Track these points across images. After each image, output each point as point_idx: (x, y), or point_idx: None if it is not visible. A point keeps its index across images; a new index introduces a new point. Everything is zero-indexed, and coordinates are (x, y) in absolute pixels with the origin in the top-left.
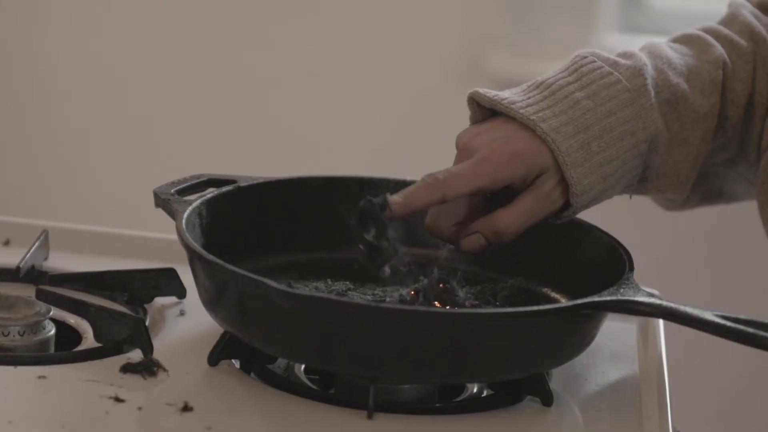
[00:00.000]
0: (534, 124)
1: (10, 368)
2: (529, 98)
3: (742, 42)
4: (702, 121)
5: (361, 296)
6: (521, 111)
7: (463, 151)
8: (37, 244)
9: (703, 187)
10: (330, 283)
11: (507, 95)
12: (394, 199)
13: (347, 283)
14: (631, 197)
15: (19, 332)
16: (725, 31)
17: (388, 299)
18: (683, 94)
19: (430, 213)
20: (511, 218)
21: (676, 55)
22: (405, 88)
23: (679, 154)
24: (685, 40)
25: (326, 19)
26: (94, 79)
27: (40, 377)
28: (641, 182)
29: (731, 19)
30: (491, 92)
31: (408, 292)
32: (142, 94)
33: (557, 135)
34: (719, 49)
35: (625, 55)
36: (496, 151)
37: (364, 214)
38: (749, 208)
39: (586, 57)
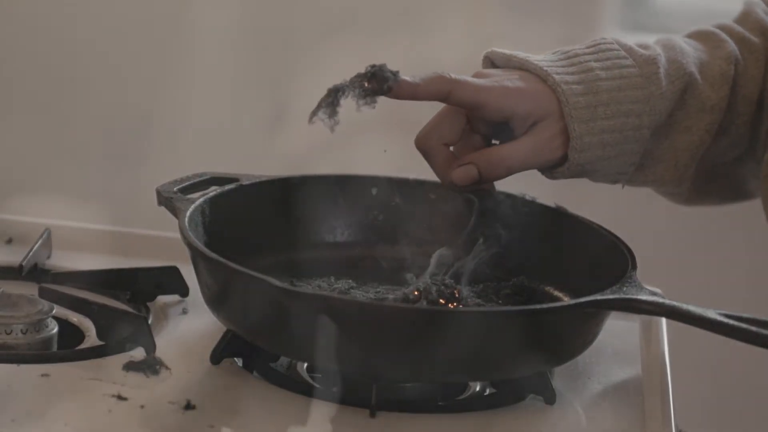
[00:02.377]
0: (546, 74)
1: (13, 366)
2: (545, 58)
3: (755, 39)
4: (708, 112)
5: (363, 294)
6: (535, 63)
7: (477, 75)
8: (39, 242)
9: (718, 188)
10: (332, 281)
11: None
12: (405, 78)
13: (350, 281)
14: (623, 186)
15: (21, 330)
16: (738, 28)
17: (390, 297)
18: (694, 84)
19: (423, 128)
20: (508, 152)
21: (690, 48)
22: None
23: (681, 141)
24: (699, 36)
25: (327, 19)
26: (95, 78)
27: (42, 375)
28: (639, 170)
29: (745, 17)
30: (507, 51)
31: (411, 290)
32: (143, 92)
33: (567, 87)
34: (732, 45)
35: (641, 45)
36: (508, 81)
37: (371, 75)
38: (752, 205)
39: (605, 38)
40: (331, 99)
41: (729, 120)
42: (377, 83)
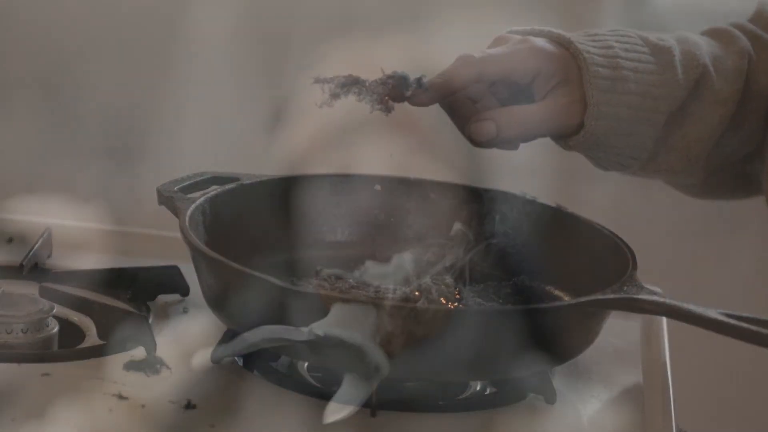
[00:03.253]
0: (569, 42)
1: (14, 365)
2: (565, 33)
3: (767, 36)
4: (721, 105)
5: (364, 294)
6: (557, 32)
7: (497, 41)
8: (40, 241)
9: (730, 184)
10: (333, 280)
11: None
12: (435, 80)
13: (350, 281)
14: (634, 173)
15: (22, 329)
16: (750, 26)
17: (390, 296)
18: (707, 76)
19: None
20: (527, 111)
21: (704, 43)
22: None
23: (695, 132)
24: (712, 33)
25: (328, 18)
26: (94, 77)
27: (43, 375)
28: (651, 158)
29: (758, 16)
30: (527, 27)
31: (411, 289)
32: (144, 91)
33: (589, 56)
34: (745, 41)
35: (657, 37)
36: (528, 43)
37: (390, 85)
38: (752, 205)
39: (623, 28)
40: (344, 84)
41: (742, 115)
42: (396, 92)
